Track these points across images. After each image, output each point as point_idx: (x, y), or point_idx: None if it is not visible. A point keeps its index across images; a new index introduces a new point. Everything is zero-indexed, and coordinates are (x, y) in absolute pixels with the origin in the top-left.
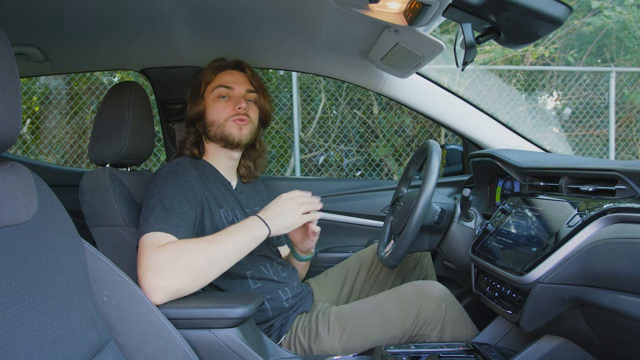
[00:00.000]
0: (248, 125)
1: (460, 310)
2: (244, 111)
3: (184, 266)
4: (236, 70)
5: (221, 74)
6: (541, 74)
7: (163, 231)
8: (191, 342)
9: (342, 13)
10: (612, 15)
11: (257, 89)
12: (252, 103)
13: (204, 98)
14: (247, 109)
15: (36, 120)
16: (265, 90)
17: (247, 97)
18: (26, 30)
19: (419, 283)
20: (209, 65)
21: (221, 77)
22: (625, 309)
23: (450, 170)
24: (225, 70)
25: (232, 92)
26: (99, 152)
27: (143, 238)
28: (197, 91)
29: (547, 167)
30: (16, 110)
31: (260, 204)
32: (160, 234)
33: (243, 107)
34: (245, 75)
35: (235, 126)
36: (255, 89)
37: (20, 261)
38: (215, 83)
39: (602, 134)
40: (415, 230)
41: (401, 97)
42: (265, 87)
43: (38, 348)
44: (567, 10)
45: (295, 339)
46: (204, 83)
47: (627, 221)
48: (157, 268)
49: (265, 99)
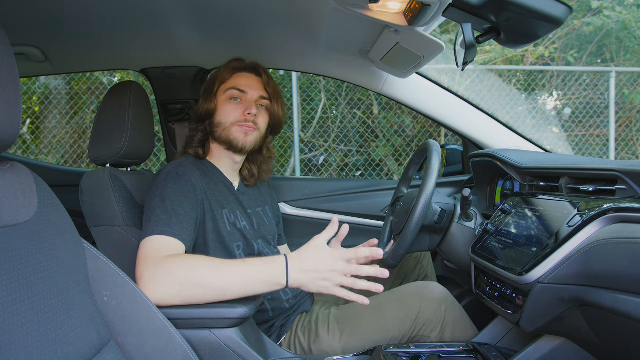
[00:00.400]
0: (254, 132)
1: (460, 311)
2: (252, 118)
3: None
4: (252, 74)
5: (237, 75)
6: (541, 74)
7: (165, 234)
8: (191, 342)
9: (342, 13)
10: (612, 15)
11: (271, 96)
12: (264, 109)
13: (216, 97)
14: (257, 115)
15: (36, 120)
16: (280, 97)
17: (259, 103)
18: (26, 30)
19: (419, 284)
20: (226, 64)
21: (236, 79)
22: (625, 309)
23: (450, 170)
24: (241, 72)
25: (245, 96)
26: (99, 152)
27: (145, 241)
28: (210, 88)
29: (547, 167)
30: (16, 110)
31: (262, 204)
32: (163, 238)
33: (253, 113)
34: (260, 81)
35: (241, 131)
36: (269, 96)
37: (20, 261)
38: (229, 84)
39: (602, 134)
40: (415, 230)
41: (401, 97)
42: (279, 94)
43: (38, 348)
44: (567, 10)
45: (296, 339)
46: (218, 82)
47: (627, 221)
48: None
49: (278, 106)
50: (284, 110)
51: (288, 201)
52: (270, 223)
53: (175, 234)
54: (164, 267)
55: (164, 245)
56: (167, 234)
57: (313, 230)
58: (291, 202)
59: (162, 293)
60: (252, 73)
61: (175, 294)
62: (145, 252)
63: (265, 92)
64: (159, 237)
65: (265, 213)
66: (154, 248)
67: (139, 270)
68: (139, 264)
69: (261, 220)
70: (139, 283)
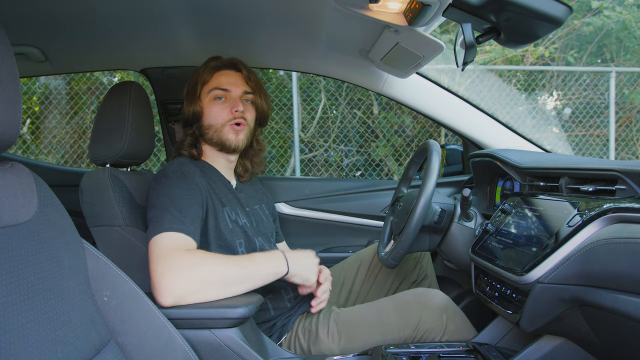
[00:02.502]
0: (244, 130)
1: (462, 317)
2: (240, 114)
3: (200, 277)
4: (232, 71)
5: (218, 74)
6: (541, 74)
7: (182, 232)
8: (191, 342)
9: (342, 13)
10: (612, 15)
11: (254, 90)
12: (249, 104)
13: (201, 99)
14: (244, 111)
15: (36, 120)
16: (262, 89)
17: (244, 98)
18: (26, 30)
19: (420, 292)
20: (204, 64)
21: (217, 78)
22: (625, 309)
23: (450, 170)
24: (221, 70)
25: (229, 94)
26: (99, 152)
27: (162, 236)
28: (193, 91)
29: (547, 167)
30: (16, 110)
31: (259, 202)
32: (179, 235)
33: (240, 110)
34: (241, 76)
35: (232, 131)
36: (252, 90)
37: (20, 261)
38: (211, 84)
39: (602, 134)
40: (415, 230)
41: (401, 97)
42: (262, 86)
43: (38, 348)
44: (567, 10)
45: (296, 339)
46: (200, 83)
47: (627, 221)
48: (179, 271)
49: (262, 98)
50: (268, 102)
51: (288, 201)
52: (267, 220)
53: (189, 232)
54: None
55: (180, 242)
56: (182, 232)
57: (313, 230)
58: (291, 202)
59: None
60: (232, 70)
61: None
62: (162, 247)
63: (247, 87)
64: (173, 234)
65: (263, 210)
66: (172, 244)
67: (159, 264)
68: (158, 258)
69: (259, 218)
70: (159, 278)
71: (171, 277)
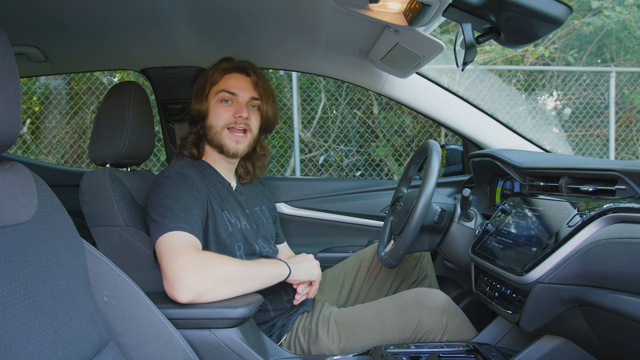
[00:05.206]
0: (247, 138)
1: (462, 317)
2: (244, 120)
3: (215, 275)
4: (242, 74)
5: (227, 76)
6: (541, 74)
7: (188, 232)
8: (191, 342)
9: (342, 13)
10: (612, 15)
11: (261, 96)
12: (255, 110)
13: (208, 99)
14: (249, 117)
15: (36, 120)
16: (271, 95)
17: (251, 104)
18: (26, 30)
19: (421, 292)
20: (216, 64)
21: (226, 81)
22: (625, 309)
23: (450, 170)
24: (231, 73)
25: (236, 98)
26: (99, 152)
27: (170, 235)
28: (202, 90)
29: (547, 167)
30: (16, 110)
31: (259, 204)
32: (186, 234)
33: (244, 116)
34: (250, 80)
35: (232, 138)
36: (259, 96)
37: (20, 261)
38: (220, 86)
39: (602, 134)
40: (415, 230)
41: (401, 97)
42: (270, 92)
43: (38, 348)
44: (567, 10)
45: (296, 339)
46: (209, 83)
47: (627, 221)
48: (196, 268)
49: (269, 105)
50: (276, 109)
51: (288, 201)
52: (268, 222)
53: (194, 232)
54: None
55: (188, 241)
56: (188, 231)
57: (313, 230)
58: (291, 202)
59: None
60: (242, 73)
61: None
62: (173, 245)
63: (255, 93)
64: (181, 233)
65: (263, 212)
66: (182, 242)
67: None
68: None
69: (259, 220)
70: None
71: (188, 273)
